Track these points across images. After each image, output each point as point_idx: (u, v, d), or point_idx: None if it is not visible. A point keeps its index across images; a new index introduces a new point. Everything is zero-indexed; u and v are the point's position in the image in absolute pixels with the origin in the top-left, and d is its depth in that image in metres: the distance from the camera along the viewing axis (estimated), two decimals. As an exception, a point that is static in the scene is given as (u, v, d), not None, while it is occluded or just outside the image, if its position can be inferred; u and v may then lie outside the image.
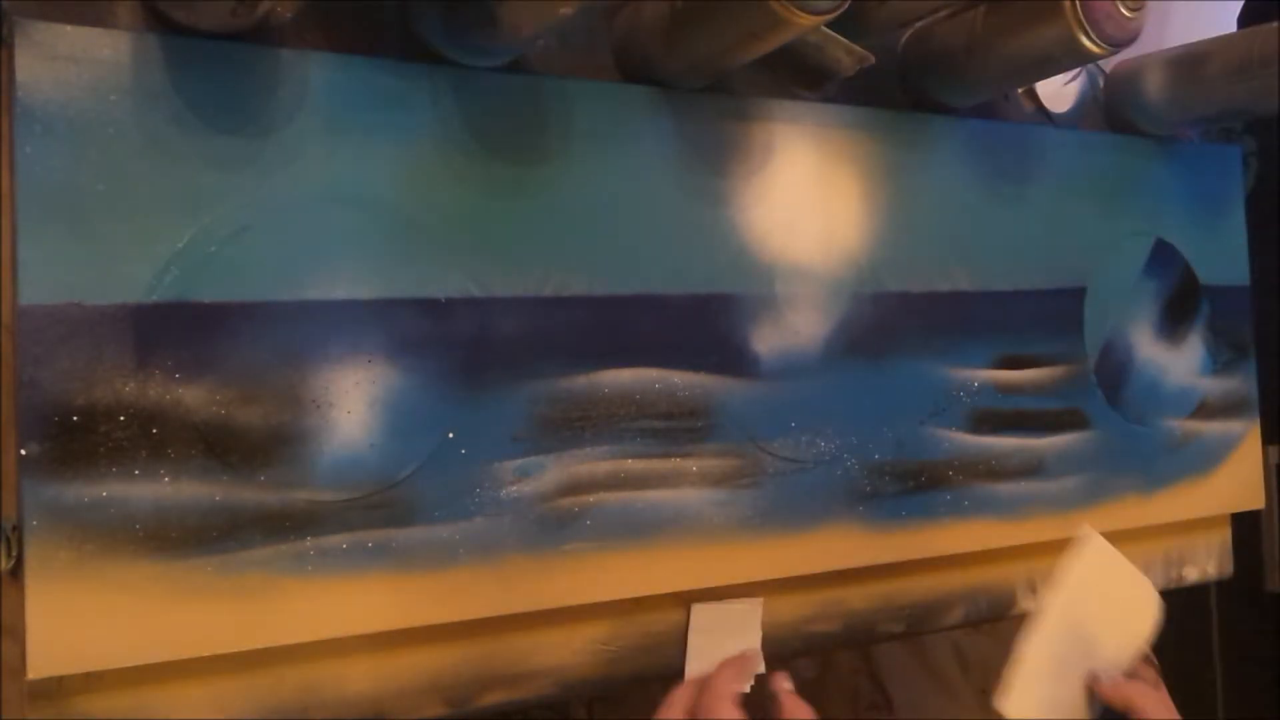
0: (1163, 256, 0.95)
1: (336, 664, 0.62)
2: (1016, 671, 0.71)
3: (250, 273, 0.59)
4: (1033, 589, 0.88)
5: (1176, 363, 0.95)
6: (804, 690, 0.70)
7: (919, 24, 0.82)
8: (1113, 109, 0.95)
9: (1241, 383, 1.00)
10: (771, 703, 0.70)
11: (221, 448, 0.58)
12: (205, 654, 0.57)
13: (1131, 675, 0.76)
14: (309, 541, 0.59)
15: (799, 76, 0.78)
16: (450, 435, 0.64)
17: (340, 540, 0.60)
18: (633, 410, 0.69)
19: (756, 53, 0.67)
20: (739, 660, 0.72)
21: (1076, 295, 0.90)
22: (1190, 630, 1.27)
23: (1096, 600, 0.76)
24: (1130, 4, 0.72)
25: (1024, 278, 0.86)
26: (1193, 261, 0.97)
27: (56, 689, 0.55)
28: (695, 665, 0.73)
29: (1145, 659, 0.78)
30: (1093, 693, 0.75)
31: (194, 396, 0.57)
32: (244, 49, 0.59)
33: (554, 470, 0.67)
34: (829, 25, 0.65)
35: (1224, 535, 1.01)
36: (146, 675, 0.56)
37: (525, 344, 0.66)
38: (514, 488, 0.65)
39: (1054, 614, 0.74)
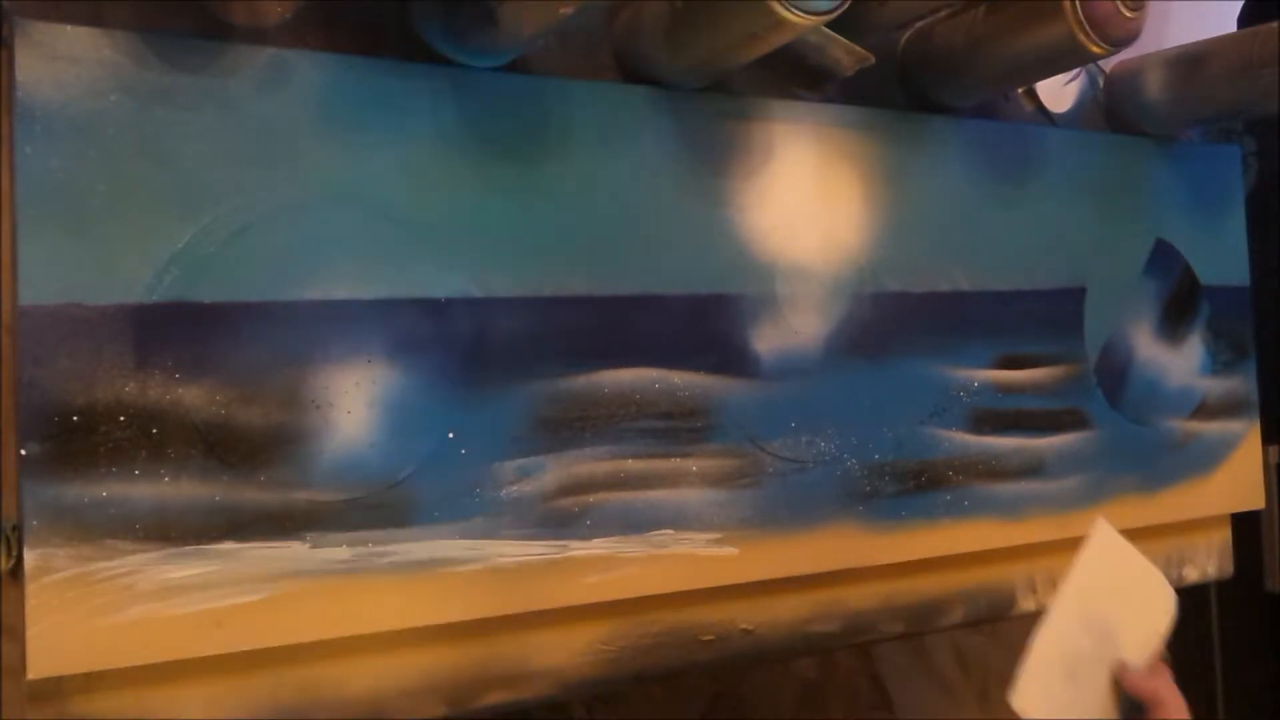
0: (1163, 256, 0.95)
1: (336, 664, 0.62)
2: (1026, 664, 0.70)
3: (250, 273, 0.59)
4: (1033, 589, 0.88)
5: (1176, 363, 0.95)
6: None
7: (919, 24, 0.82)
8: (1113, 109, 0.95)
9: (1241, 383, 1.00)
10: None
11: (221, 448, 0.58)
12: (205, 654, 0.57)
13: (1154, 670, 0.74)
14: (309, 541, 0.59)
15: (799, 76, 0.78)
16: (450, 435, 0.64)
17: (340, 540, 0.60)
18: (633, 410, 0.69)
19: (756, 53, 0.67)
20: None
21: (1076, 295, 0.90)
22: (1190, 630, 1.27)
23: (1111, 592, 0.74)
24: (1130, 4, 0.72)
25: (1024, 278, 0.86)
26: (1193, 261, 0.96)
27: (56, 689, 0.55)
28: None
29: (1162, 656, 0.77)
30: (1118, 689, 0.73)
31: (194, 396, 0.57)
32: (244, 49, 0.59)
33: (554, 470, 0.67)
34: (829, 25, 0.65)
35: (1224, 535, 1.01)
36: (146, 675, 0.56)
37: (525, 344, 0.66)
38: (514, 488, 0.65)
39: (1066, 605, 0.72)
